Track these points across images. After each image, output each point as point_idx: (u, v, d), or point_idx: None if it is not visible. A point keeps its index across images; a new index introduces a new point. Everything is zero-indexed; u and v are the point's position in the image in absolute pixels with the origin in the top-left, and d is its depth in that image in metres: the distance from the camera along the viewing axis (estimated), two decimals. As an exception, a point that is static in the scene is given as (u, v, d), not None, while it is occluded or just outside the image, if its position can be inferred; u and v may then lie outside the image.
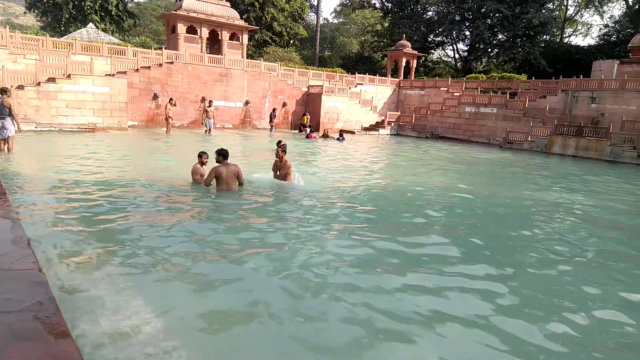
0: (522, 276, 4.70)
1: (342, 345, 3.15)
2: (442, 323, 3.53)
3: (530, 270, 4.88)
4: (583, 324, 3.68)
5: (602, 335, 3.57)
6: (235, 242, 5.13)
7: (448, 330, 3.45)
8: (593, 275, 4.90)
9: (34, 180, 7.77)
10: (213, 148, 8.40)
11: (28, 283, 2.42)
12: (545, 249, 5.64)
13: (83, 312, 3.29)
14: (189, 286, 3.90)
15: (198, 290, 3.86)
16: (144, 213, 6.20)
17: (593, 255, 5.69)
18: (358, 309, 3.66)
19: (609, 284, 4.67)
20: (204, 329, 3.26)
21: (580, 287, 4.51)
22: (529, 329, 3.52)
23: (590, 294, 4.35)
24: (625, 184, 12.46)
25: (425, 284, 4.28)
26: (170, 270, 4.20)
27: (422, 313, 3.65)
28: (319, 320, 3.49)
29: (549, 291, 4.32)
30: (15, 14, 65.85)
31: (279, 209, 6.87)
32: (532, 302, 4.08)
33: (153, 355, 2.83)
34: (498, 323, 3.57)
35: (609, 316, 3.86)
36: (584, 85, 22.18)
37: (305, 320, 3.48)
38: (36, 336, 1.93)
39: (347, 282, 4.19)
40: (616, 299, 4.28)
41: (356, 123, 27.22)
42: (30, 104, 16.07)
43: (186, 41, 24.28)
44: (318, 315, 3.56)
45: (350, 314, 3.59)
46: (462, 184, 10.35)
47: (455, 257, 5.11)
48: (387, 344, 3.19)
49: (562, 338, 3.41)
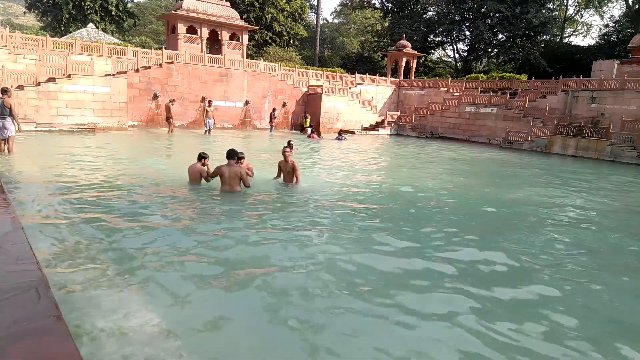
0: (532, 276, 4.71)
1: (344, 347, 3.15)
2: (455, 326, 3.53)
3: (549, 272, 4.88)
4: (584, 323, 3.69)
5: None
6: (235, 243, 5.12)
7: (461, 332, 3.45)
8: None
9: (34, 180, 7.76)
10: (213, 148, 8.39)
11: (27, 283, 2.42)
12: (554, 249, 5.65)
13: (83, 312, 3.29)
14: (189, 286, 3.90)
15: (198, 290, 3.85)
16: (144, 213, 6.20)
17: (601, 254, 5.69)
18: (360, 310, 3.66)
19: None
20: (204, 330, 3.26)
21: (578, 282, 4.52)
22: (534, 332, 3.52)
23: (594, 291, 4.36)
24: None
25: (437, 289, 4.28)
26: (170, 271, 4.20)
27: (434, 314, 3.65)
28: (320, 321, 3.49)
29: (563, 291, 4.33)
30: (15, 14, 65.86)
31: (280, 211, 6.87)
32: (552, 305, 4.09)
33: (153, 356, 2.83)
34: (499, 323, 3.58)
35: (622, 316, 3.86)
36: (584, 85, 22.18)
37: (305, 321, 3.47)
38: (36, 336, 1.93)
39: (347, 283, 4.18)
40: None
41: (356, 123, 27.22)
42: (30, 104, 16.07)
43: (186, 41, 24.28)
44: (318, 315, 3.56)
45: (352, 315, 3.59)
46: (463, 184, 10.34)
47: (464, 260, 5.11)
48: (392, 345, 3.19)
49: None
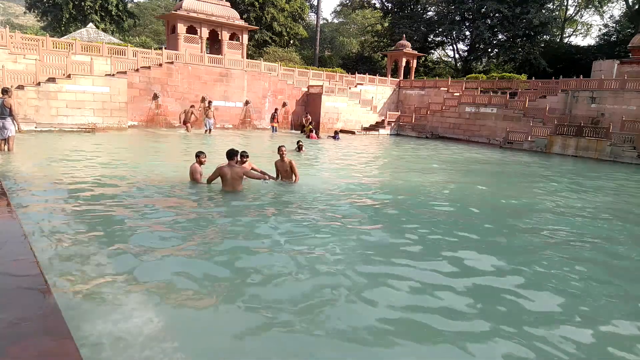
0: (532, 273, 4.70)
1: (345, 349, 3.15)
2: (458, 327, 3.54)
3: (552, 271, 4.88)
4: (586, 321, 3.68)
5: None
6: (236, 243, 5.12)
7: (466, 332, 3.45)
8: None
9: (34, 180, 7.76)
10: (213, 148, 8.39)
11: (27, 283, 2.42)
12: (560, 251, 5.65)
13: (83, 312, 3.29)
14: (189, 286, 3.89)
15: (198, 290, 3.85)
16: (145, 213, 6.20)
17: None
18: (362, 312, 3.66)
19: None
20: (205, 330, 3.26)
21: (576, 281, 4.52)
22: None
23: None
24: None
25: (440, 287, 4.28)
26: (170, 271, 4.19)
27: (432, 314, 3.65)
28: (320, 321, 3.48)
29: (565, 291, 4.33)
30: (15, 14, 65.86)
31: (281, 211, 6.86)
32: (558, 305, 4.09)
33: (153, 356, 2.82)
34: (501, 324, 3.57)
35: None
36: (584, 85, 22.18)
37: (306, 321, 3.46)
38: (36, 336, 1.93)
39: (348, 285, 4.16)
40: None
41: (356, 123, 27.21)
42: (30, 104, 16.07)
43: (186, 41, 24.28)
44: (319, 316, 3.55)
45: (354, 317, 3.59)
46: (463, 184, 10.34)
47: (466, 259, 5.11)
48: (395, 345, 3.19)
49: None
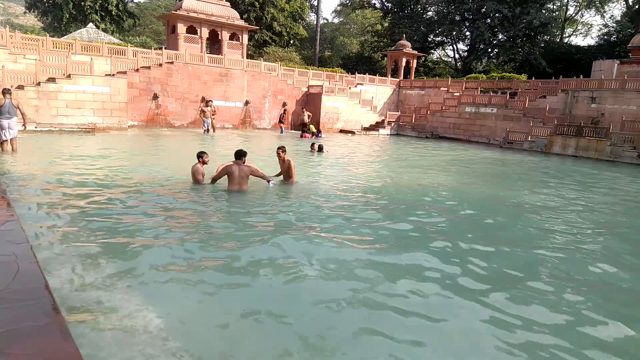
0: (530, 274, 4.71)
1: (345, 348, 3.15)
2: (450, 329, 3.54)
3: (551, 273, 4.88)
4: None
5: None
6: (236, 243, 5.12)
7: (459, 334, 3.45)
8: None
9: (34, 180, 7.76)
10: (213, 148, 8.38)
11: (28, 283, 2.42)
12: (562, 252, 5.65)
13: (83, 312, 3.29)
14: (190, 286, 3.90)
15: (199, 290, 3.85)
16: (146, 213, 6.18)
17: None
18: (363, 314, 3.67)
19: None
20: (205, 330, 3.26)
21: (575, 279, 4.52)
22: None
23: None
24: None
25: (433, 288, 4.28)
26: (171, 271, 4.19)
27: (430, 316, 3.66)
28: (321, 322, 3.49)
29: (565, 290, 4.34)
30: (15, 14, 65.88)
31: (282, 211, 6.86)
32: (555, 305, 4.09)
33: (153, 356, 2.83)
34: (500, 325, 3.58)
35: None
36: (584, 85, 22.18)
37: (308, 323, 3.47)
38: (36, 336, 1.93)
39: (348, 286, 4.17)
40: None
41: (356, 123, 27.22)
42: (30, 104, 16.05)
43: (186, 41, 24.28)
44: (321, 317, 3.56)
45: (355, 317, 3.59)
46: (464, 184, 10.33)
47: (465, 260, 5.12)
48: (393, 345, 3.19)
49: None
